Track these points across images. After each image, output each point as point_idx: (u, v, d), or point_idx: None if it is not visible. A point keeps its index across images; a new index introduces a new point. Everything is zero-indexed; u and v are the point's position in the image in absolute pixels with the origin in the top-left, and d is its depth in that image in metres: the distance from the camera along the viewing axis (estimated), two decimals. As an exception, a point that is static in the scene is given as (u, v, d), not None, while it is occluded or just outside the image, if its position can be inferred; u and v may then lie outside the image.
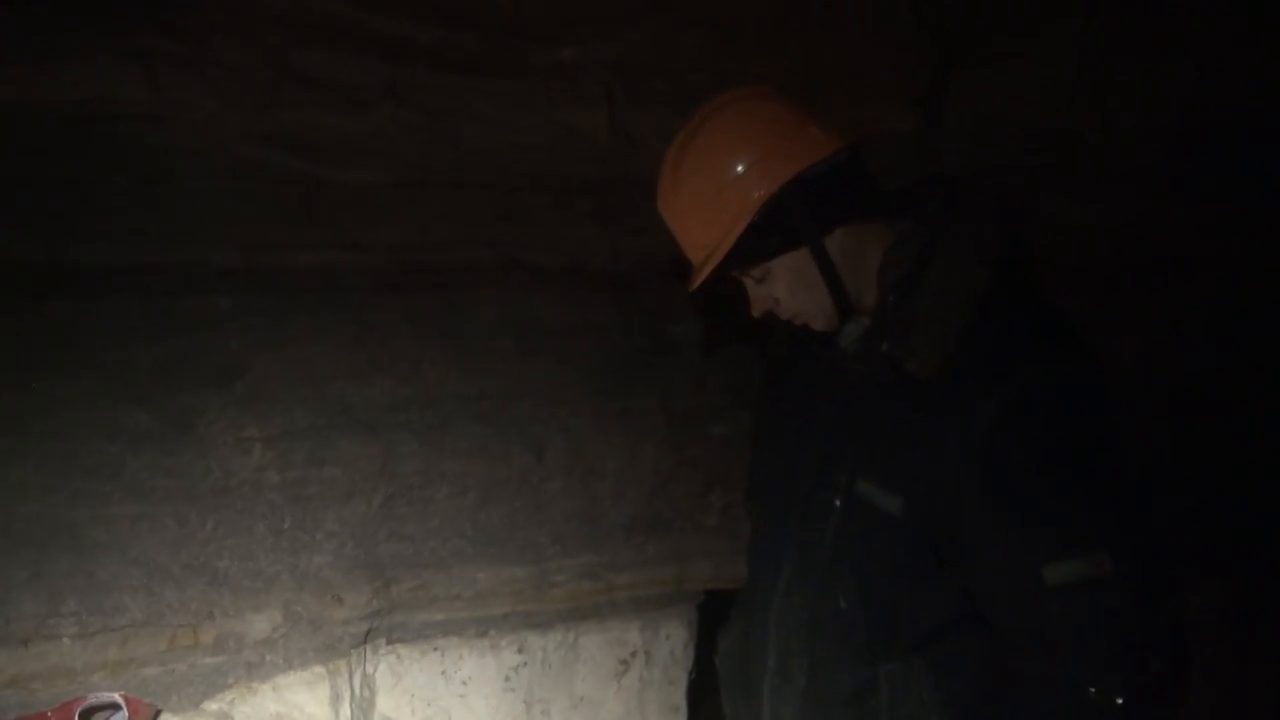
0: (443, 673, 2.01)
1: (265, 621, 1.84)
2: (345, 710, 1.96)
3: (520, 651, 2.08)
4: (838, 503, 1.24)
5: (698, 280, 1.24)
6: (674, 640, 2.24)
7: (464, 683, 2.02)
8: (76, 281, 1.69)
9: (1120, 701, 1.07)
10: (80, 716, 1.65)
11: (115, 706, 1.68)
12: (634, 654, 2.20)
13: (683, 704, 2.26)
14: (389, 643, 2.00)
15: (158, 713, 1.78)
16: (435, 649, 2.02)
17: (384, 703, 1.95)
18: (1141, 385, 2.27)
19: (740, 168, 1.19)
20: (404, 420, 1.99)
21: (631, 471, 2.24)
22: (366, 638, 1.96)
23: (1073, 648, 1.10)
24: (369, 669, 1.96)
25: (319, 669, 1.90)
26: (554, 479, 2.17)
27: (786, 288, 1.24)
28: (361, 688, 1.97)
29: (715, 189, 1.20)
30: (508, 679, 2.06)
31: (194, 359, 1.81)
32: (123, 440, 1.74)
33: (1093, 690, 1.08)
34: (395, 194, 1.93)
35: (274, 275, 1.88)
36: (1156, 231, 2.20)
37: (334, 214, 1.90)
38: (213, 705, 1.83)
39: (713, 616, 2.12)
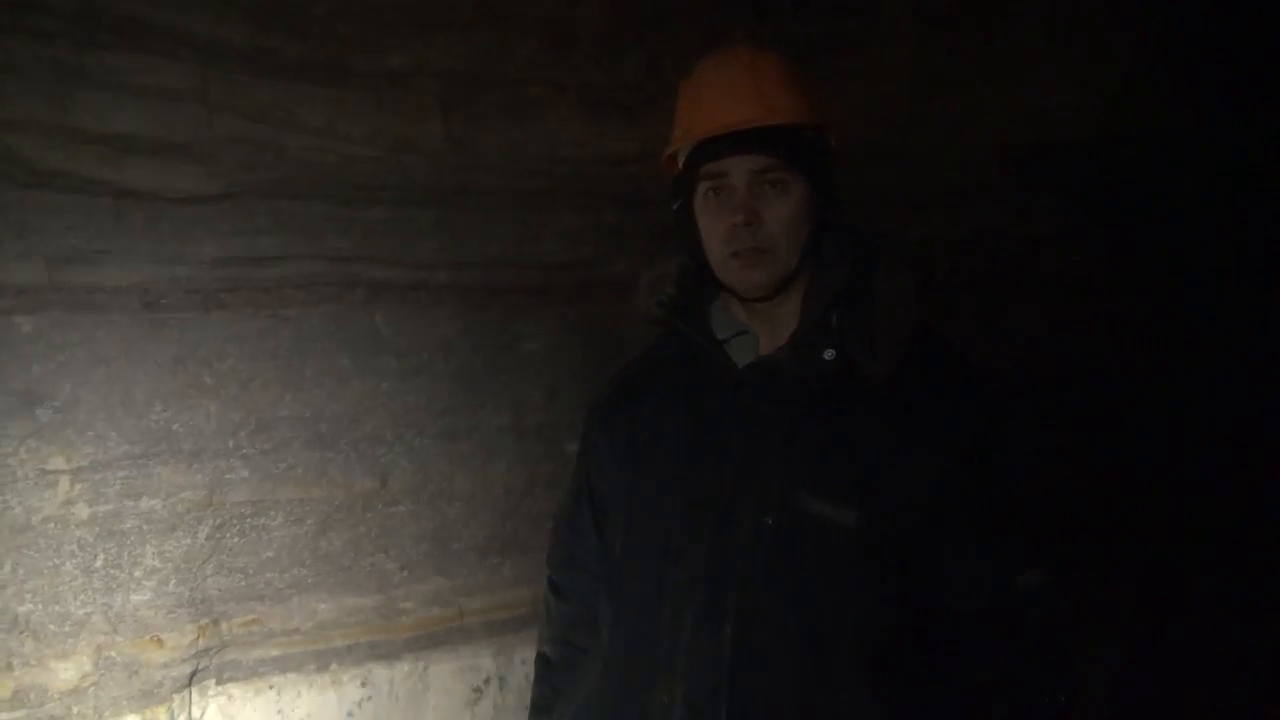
0: (279, 712, 1.90)
1: (72, 670, 1.69)
2: (170, 759, 1.83)
3: (364, 685, 1.98)
4: (770, 520, 1.14)
5: (760, 125, 1.15)
6: (530, 665, 2.17)
7: (303, 721, 1.92)
8: None
9: (1063, 700, 1.14)
10: None
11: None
12: (488, 681, 2.13)
13: (540, 730, 2.21)
14: (219, 683, 1.87)
15: (-54, 777, 1.62)
16: (270, 687, 1.90)
17: (213, 748, 1.83)
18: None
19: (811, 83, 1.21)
20: (232, 446, 1.88)
21: (483, 492, 2.18)
22: (192, 680, 1.83)
23: (1039, 650, 1.14)
24: (195, 713, 1.83)
25: (133, 718, 1.76)
26: (401, 503, 2.09)
27: (792, 211, 1.16)
28: (189, 734, 1.85)
29: (803, 73, 1.20)
30: (350, 715, 1.96)
31: (-11, 385, 1.66)
32: (-96, 478, 1.58)
33: (1044, 694, 1.14)
34: (219, 205, 1.82)
35: (83, 293, 1.75)
36: (991, 248, 2.28)
37: (150, 227, 1.78)
38: (12, 765, 1.68)
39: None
